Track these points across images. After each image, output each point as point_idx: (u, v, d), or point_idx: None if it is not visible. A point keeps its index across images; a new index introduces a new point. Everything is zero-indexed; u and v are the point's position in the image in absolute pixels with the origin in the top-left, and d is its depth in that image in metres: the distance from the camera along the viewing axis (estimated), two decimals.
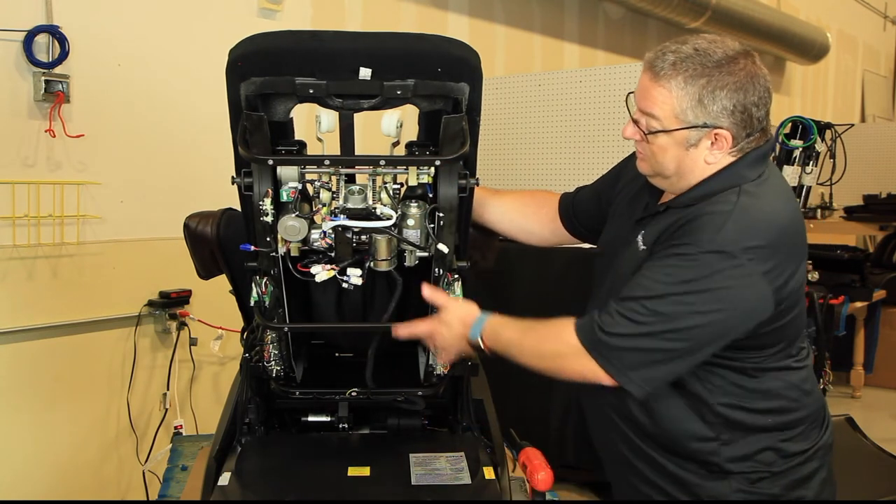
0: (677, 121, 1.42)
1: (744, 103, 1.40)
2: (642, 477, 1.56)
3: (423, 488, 1.51)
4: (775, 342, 1.47)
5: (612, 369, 1.39)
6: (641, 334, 1.36)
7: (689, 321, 1.35)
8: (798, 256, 1.43)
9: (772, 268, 1.36)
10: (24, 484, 2.63)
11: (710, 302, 1.35)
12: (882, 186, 5.42)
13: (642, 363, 1.38)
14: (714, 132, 1.42)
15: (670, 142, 1.44)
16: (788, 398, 1.50)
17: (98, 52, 2.70)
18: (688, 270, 1.36)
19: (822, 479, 1.55)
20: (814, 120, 3.48)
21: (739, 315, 1.37)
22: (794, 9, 7.23)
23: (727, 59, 1.40)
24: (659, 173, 1.50)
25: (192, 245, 1.80)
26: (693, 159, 1.45)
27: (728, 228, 1.36)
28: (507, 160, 3.43)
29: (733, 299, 1.36)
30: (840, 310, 4.25)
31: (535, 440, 1.72)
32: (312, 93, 1.44)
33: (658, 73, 1.42)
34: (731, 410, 1.48)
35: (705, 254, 1.35)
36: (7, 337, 2.55)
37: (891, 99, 9.98)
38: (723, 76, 1.39)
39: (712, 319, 1.36)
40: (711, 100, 1.39)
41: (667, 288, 1.36)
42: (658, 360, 1.38)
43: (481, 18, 4.36)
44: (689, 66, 1.40)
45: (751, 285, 1.36)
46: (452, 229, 1.54)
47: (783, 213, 1.43)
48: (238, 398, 1.72)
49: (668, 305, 1.36)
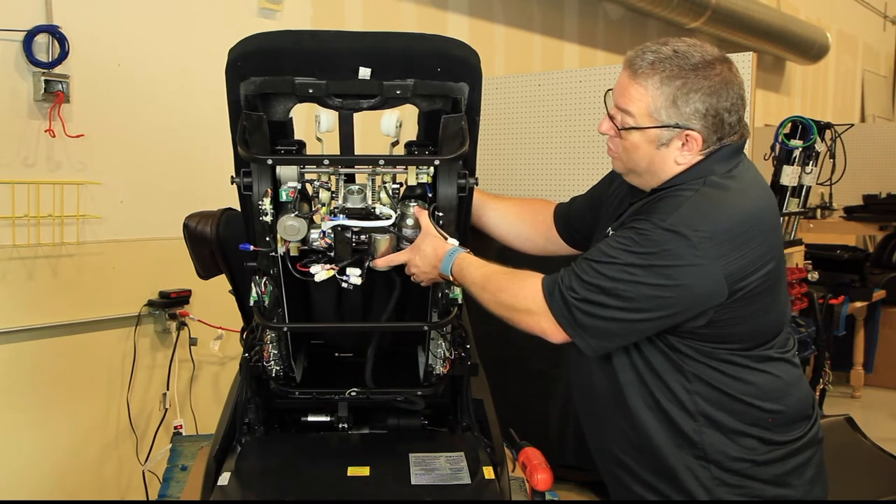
0: (651, 119, 1.45)
1: (716, 108, 1.43)
2: (633, 475, 1.57)
3: (423, 488, 1.52)
4: (748, 334, 1.48)
5: (563, 322, 1.44)
6: (590, 293, 1.41)
7: (631, 289, 1.39)
8: (763, 247, 1.44)
9: (726, 252, 1.38)
10: (24, 484, 2.63)
11: (654, 276, 1.38)
12: (882, 186, 5.42)
13: (591, 323, 1.42)
14: (685, 133, 1.45)
15: (642, 139, 1.47)
16: (768, 389, 1.50)
17: (98, 52, 2.70)
18: (638, 244, 1.39)
19: (811, 477, 1.54)
20: (814, 120, 3.47)
21: (686, 294, 1.39)
22: (794, 9, 7.23)
23: (704, 63, 1.43)
24: (631, 170, 1.54)
25: (191, 245, 1.80)
26: (663, 158, 1.48)
27: (684, 211, 1.40)
28: (507, 160, 3.43)
29: (680, 277, 1.38)
30: (840, 310, 4.26)
31: (535, 440, 1.72)
32: (312, 92, 1.44)
33: (636, 72, 1.45)
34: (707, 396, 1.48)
35: (658, 230, 1.39)
36: (7, 337, 2.55)
37: (891, 99, 9.99)
38: (698, 80, 1.42)
39: (657, 293, 1.39)
40: (685, 101, 1.43)
41: (615, 254, 1.40)
42: (603, 321, 1.42)
43: (481, 18, 4.36)
44: (667, 66, 1.43)
45: (700, 267, 1.37)
46: (452, 229, 1.55)
47: (750, 203, 1.45)
48: (238, 398, 1.72)
49: (614, 271, 1.40)
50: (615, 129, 1.51)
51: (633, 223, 1.44)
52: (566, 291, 1.43)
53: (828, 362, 3.69)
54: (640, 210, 1.48)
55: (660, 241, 1.38)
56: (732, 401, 1.49)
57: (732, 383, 1.49)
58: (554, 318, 1.44)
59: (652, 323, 1.43)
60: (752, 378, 1.50)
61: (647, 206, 1.47)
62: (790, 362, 1.56)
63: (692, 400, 1.49)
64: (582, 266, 1.43)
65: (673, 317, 1.42)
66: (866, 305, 4.66)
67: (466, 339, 1.73)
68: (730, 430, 1.49)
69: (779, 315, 1.54)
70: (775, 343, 1.53)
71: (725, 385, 1.49)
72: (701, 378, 1.49)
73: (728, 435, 1.49)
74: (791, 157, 3.47)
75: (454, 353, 1.70)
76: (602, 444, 1.63)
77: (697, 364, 1.48)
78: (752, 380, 1.49)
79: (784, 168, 3.47)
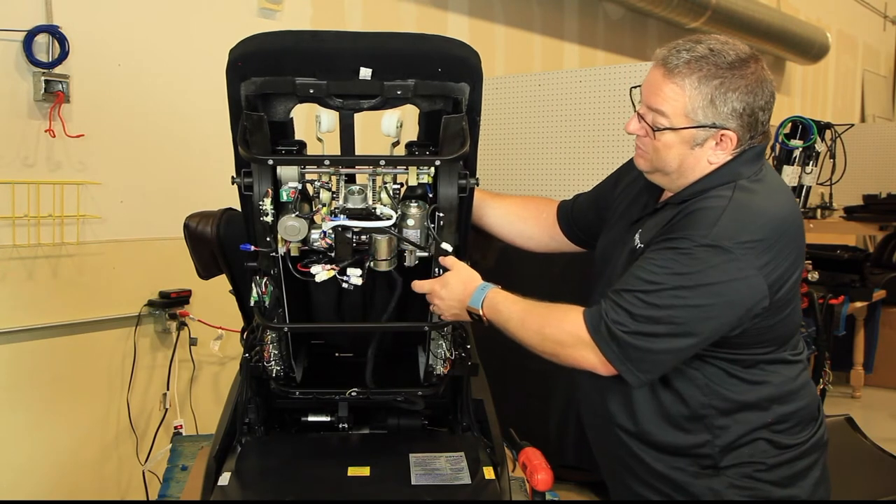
0: (687, 119, 1.43)
1: (752, 106, 1.42)
2: (636, 477, 1.56)
3: (423, 488, 1.52)
4: (771, 339, 1.48)
5: (613, 358, 1.40)
6: (640, 325, 1.37)
7: (683, 314, 1.36)
8: (794, 252, 1.43)
9: (767, 262, 1.37)
10: (25, 484, 2.63)
11: (704, 296, 1.36)
12: (882, 186, 5.41)
13: (641, 353, 1.39)
14: (721, 133, 1.43)
15: (676, 140, 1.45)
16: (781, 391, 1.50)
17: (98, 52, 2.70)
18: (682, 265, 1.36)
19: (816, 479, 1.54)
20: (814, 120, 3.47)
21: (735, 309, 1.38)
22: (794, 9, 7.24)
23: (739, 61, 1.41)
24: (659, 170, 1.50)
25: (192, 245, 1.80)
26: (696, 158, 1.46)
27: (723, 223, 1.37)
28: (507, 160, 3.43)
29: (728, 293, 1.36)
30: (840, 310, 4.25)
31: (535, 440, 1.72)
32: (312, 93, 1.44)
33: (672, 70, 1.42)
34: (722, 401, 1.48)
35: (700, 247, 1.36)
36: (7, 337, 2.55)
37: (891, 99, 9.98)
38: (735, 79, 1.40)
39: (708, 313, 1.37)
40: (723, 101, 1.41)
41: (662, 279, 1.37)
42: (656, 353, 1.39)
43: (481, 18, 4.36)
44: (704, 65, 1.40)
45: (746, 279, 1.36)
46: (453, 229, 1.54)
47: (779, 208, 1.44)
48: (238, 398, 1.72)
49: (663, 298, 1.37)
50: (646, 128, 1.48)
51: (669, 242, 1.40)
52: (613, 326, 1.38)
53: (828, 362, 3.69)
54: (672, 226, 1.44)
55: (704, 258, 1.35)
56: (746, 407, 1.48)
57: (748, 388, 1.48)
58: (602, 353, 1.41)
59: (702, 343, 1.41)
60: (768, 380, 1.49)
61: (680, 220, 1.43)
62: (802, 364, 1.56)
63: (707, 412, 1.48)
64: (627, 299, 1.38)
65: (720, 332, 1.40)
66: (866, 305, 4.65)
67: (467, 340, 1.73)
68: (742, 436, 1.48)
69: (797, 318, 1.53)
70: (789, 345, 1.53)
71: (741, 391, 1.48)
72: (717, 390, 1.47)
73: (740, 440, 1.48)
74: (791, 157, 3.46)
75: (454, 353, 1.70)
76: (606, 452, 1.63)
77: (716, 371, 1.47)
78: (767, 382, 1.49)
79: (784, 168, 3.46)
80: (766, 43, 6.19)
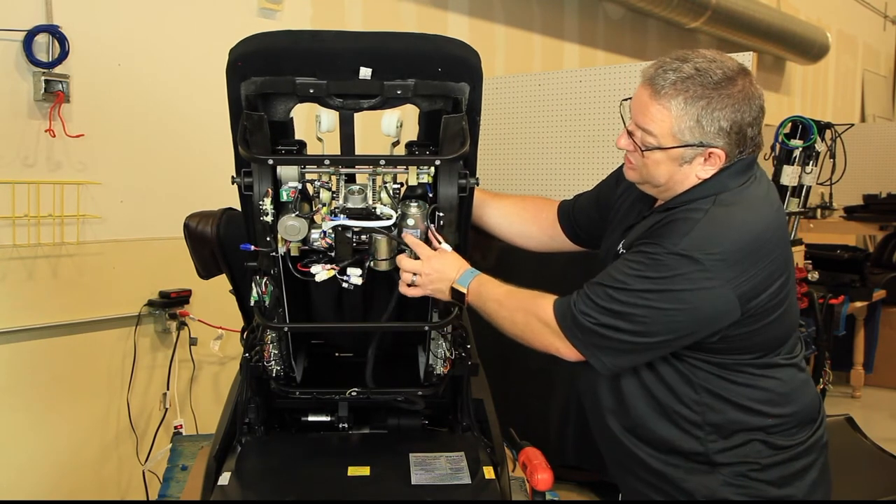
0: (674, 139, 1.44)
1: (740, 123, 1.43)
2: (637, 476, 1.57)
3: (423, 488, 1.52)
4: (757, 345, 1.49)
5: (578, 344, 1.46)
6: (604, 318, 1.42)
7: (646, 313, 1.40)
8: (773, 263, 1.44)
9: (738, 274, 1.39)
10: (25, 484, 2.63)
11: (669, 301, 1.39)
12: (882, 186, 5.42)
13: (606, 345, 1.44)
14: (709, 151, 1.44)
15: (664, 158, 1.47)
16: (774, 394, 1.51)
17: (98, 52, 2.70)
18: (652, 269, 1.40)
19: (814, 480, 1.54)
20: (814, 120, 3.48)
21: (700, 317, 1.41)
22: (794, 9, 7.23)
23: (726, 79, 1.42)
24: (649, 182, 1.53)
25: (192, 245, 1.80)
26: (685, 174, 1.48)
27: (694, 235, 1.40)
28: (507, 160, 3.43)
29: (693, 300, 1.39)
30: (840, 310, 4.25)
31: (535, 440, 1.72)
32: (313, 92, 1.44)
33: (658, 92, 1.44)
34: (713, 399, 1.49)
35: (670, 255, 1.39)
36: (7, 337, 2.55)
37: (891, 99, 9.98)
38: (722, 98, 1.41)
39: (671, 317, 1.40)
40: (710, 121, 1.42)
41: (628, 280, 1.41)
42: (618, 343, 1.43)
43: (481, 18, 4.36)
44: (690, 86, 1.41)
45: (712, 290, 1.38)
46: (453, 229, 1.55)
47: (757, 221, 1.45)
48: (238, 398, 1.72)
49: (627, 297, 1.41)
50: (635, 145, 1.50)
51: (643, 247, 1.44)
52: (579, 315, 1.44)
53: (828, 362, 3.69)
54: (650, 232, 1.47)
55: (672, 265, 1.38)
56: (739, 408, 1.49)
57: (740, 390, 1.49)
58: (567, 339, 1.46)
59: (666, 345, 1.45)
60: (760, 384, 1.50)
61: (659, 227, 1.46)
62: (797, 367, 1.56)
63: (700, 409, 1.49)
64: (595, 290, 1.44)
65: (686, 338, 1.44)
66: (866, 305, 4.65)
67: (467, 339, 1.73)
68: (736, 436, 1.49)
69: (789, 324, 1.54)
70: (783, 349, 1.53)
71: (733, 393, 1.49)
72: (709, 389, 1.49)
73: (734, 440, 1.49)
74: (791, 157, 3.47)
75: (454, 353, 1.70)
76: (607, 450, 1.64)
77: (706, 374, 1.49)
78: (759, 386, 1.50)
79: (784, 168, 3.47)
80: (766, 43, 6.18)
